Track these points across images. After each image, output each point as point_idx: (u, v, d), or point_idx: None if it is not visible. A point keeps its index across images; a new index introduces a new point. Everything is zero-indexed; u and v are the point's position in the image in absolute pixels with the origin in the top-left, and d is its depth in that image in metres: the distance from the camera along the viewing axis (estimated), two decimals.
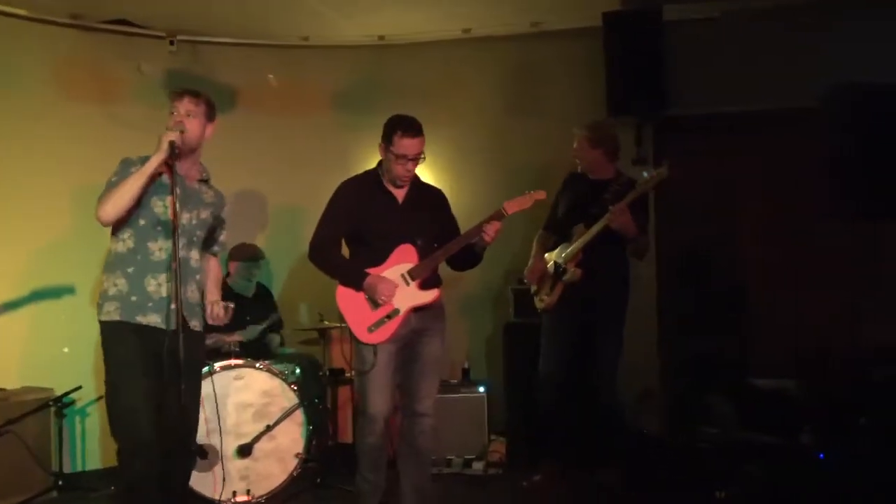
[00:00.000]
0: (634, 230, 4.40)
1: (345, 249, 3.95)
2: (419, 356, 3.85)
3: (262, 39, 5.85)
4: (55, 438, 4.79)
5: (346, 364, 4.72)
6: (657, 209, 5.15)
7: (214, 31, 5.71)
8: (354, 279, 3.76)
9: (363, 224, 3.81)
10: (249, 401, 4.50)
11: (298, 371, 4.91)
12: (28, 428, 4.62)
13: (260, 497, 4.46)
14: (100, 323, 3.40)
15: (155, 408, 3.32)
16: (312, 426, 4.64)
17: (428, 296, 3.81)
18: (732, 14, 5.28)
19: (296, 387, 4.61)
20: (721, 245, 5.56)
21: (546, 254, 4.71)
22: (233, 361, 4.55)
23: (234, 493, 4.39)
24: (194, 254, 3.54)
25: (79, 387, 4.84)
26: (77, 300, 5.21)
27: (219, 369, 4.44)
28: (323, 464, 4.85)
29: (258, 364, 4.57)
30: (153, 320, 3.35)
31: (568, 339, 4.59)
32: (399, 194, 3.86)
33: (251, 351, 4.92)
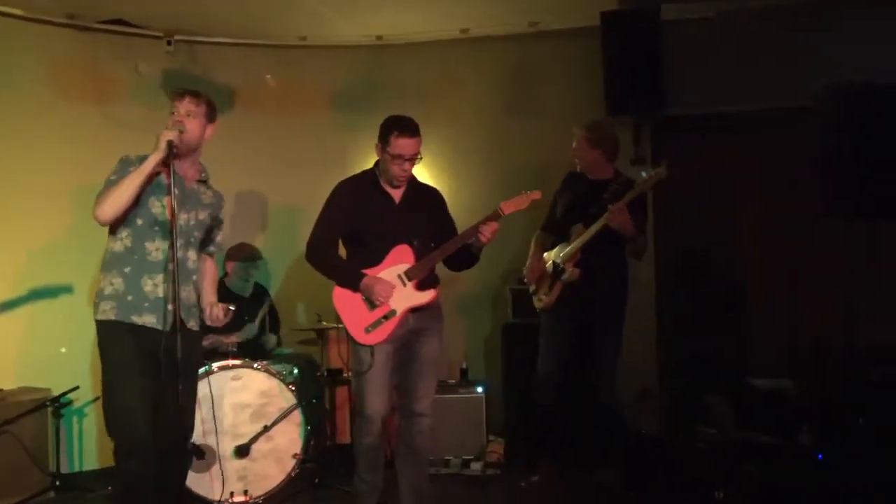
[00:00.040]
0: (633, 230, 4.40)
1: (342, 250, 3.95)
2: (417, 356, 3.85)
3: (260, 39, 5.84)
4: (52, 439, 4.78)
5: (344, 364, 4.74)
6: (655, 209, 5.15)
7: (212, 31, 5.70)
8: (351, 280, 3.76)
9: (360, 224, 3.80)
10: (247, 401, 4.50)
11: (296, 371, 4.90)
12: (25, 428, 4.61)
13: (257, 497, 4.45)
14: (96, 322, 3.40)
15: (151, 407, 3.32)
16: (310, 427, 4.63)
17: (425, 296, 3.81)
18: (729, 14, 5.28)
19: (294, 387, 4.60)
20: (719, 245, 5.56)
21: (545, 253, 4.71)
22: (230, 362, 4.54)
23: (232, 494, 4.38)
24: (191, 254, 3.53)
25: (76, 387, 4.83)
26: (74, 300, 5.20)
27: (217, 369, 4.43)
28: (321, 464, 4.84)
29: (256, 364, 4.57)
30: (149, 320, 3.35)
31: (566, 339, 4.59)
32: (396, 194, 3.85)
33: (248, 351, 4.91)
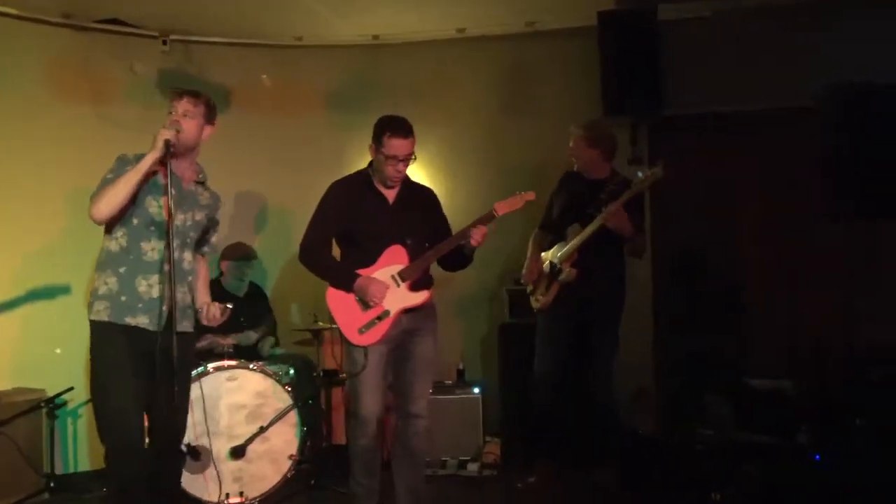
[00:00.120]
0: (630, 230, 4.39)
1: (336, 250, 3.93)
2: (411, 356, 3.84)
3: (256, 39, 5.82)
4: (47, 439, 4.76)
5: (337, 365, 4.72)
6: (652, 209, 5.14)
7: (207, 31, 5.68)
8: (345, 280, 3.74)
9: (354, 225, 3.79)
10: (243, 402, 4.47)
11: (292, 372, 4.89)
12: (19, 429, 4.59)
13: (253, 499, 4.42)
14: (90, 322, 3.37)
15: (145, 408, 3.30)
16: (306, 427, 4.61)
17: (419, 297, 3.79)
18: (726, 13, 5.28)
19: (289, 388, 4.58)
20: (717, 245, 5.56)
21: (542, 254, 4.69)
22: (226, 362, 4.52)
23: (228, 495, 4.35)
24: (187, 255, 3.51)
25: (71, 388, 4.81)
26: (69, 301, 5.17)
27: (212, 370, 4.42)
28: (317, 465, 4.82)
29: (252, 365, 4.55)
30: (142, 321, 3.33)
31: (563, 339, 4.58)
32: (390, 195, 3.84)
33: (244, 352, 4.89)
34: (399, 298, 3.75)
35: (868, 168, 4.07)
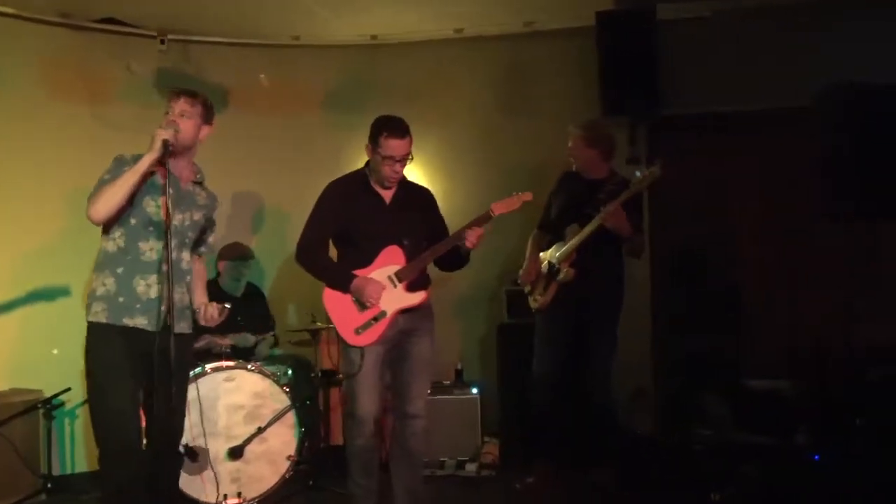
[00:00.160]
0: (629, 229, 4.38)
1: (333, 251, 3.92)
2: (409, 357, 3.83)
3: (253, 39, 5.81)
4: (44, 440, 4.74)
5: (334, 366, 4.71)
6: (651, 209, 5.14)
7: (205, 31, 5.67)
8: (341, 281, 3.73)
9: (350, 225, 3.78)
10: (241, 402, 4.46)
11: (290, 372, 4.88)
12: (16, 430, 4.57)
13: (251, 500, 4.41)
14: (87, 323, 3.36)
15: (143, 409, 3.28)
16: (304, 428, 4.61)
17: (415, 298, 3.79)
18: (725, 13, 5.28)
19: (287, 388, 4.57)
20: (715, 244, 5.55)
21: (540, 254, 4.68)
22: (224, 363, 4.51)
23: (225, 496, 4.34)
24: (185, 255, 3.50)
25: (68, 388, 4.79)
26: (67, 302, 5.16)
27: (210, 371, 4.41)
28: (315, 466, 4.82)
29: (250, 366, 4.54)
30: (140, 322, 3.31)
31: (562, 339, 4.57)
32: (386, 195, 3.83)
33: (241, 352, 4.88)
34: (396, 299, 3.74)
35: (868, 168, 4.06)
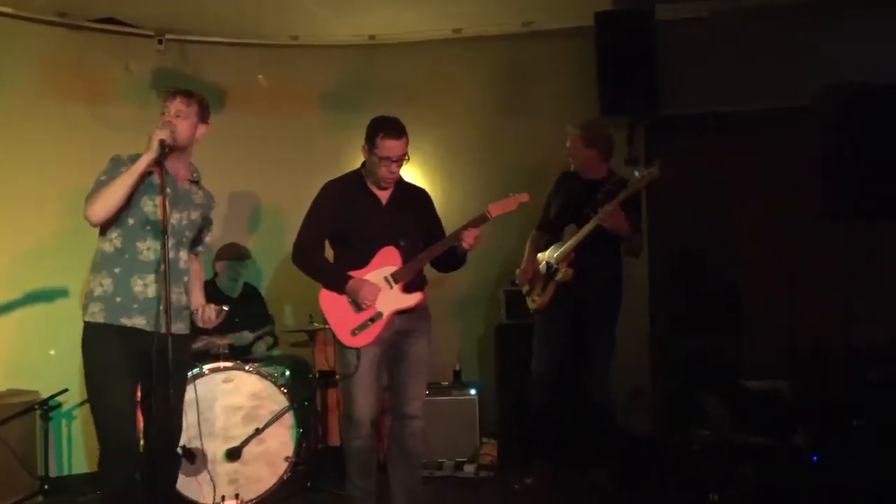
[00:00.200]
0: (627, 229, 4.38)
1: (330, 251, 3.91)
2: (406, 357, 3.82)
3: (252, 38, 5.80)
4: (41, 442, 4.72)
5: (329, 367, 4.70)
6: (649, 209, 5.13)
7: (203, 30, 5.66)
8: (337, 282, 3.73)
9: (347, 225, 3.77)
10: (238, 403, 4.45)
11: (288, 373, 4.87)
12: (13, 431, 4.56)
13: (249, 501, 4.40)
14: (84, 323, 3.34)
15: (141, 410, 3.27)
16: (302, 429, 4.60)
17: (411, 299, 3.78)
18: (723, 13, 5.28)
19: (285, 389, 4.56)
20: (714, 244, 5.55)
21: (538, 254, 4.68)
22: (222, 364, 4.50)
23: (223, 498, 4.33)
24: (183, 255, 3.49)
25: (65, 389, 4.78)
26: (64, 302, 5.15)
27: (207, 372, 4.40)
28: (313, 467, 4.80)
29: (247, 367, 4.53)
30: (138, 322, 3.30)
31: (560, 340, 4.56)
32: (383, 196, 3.82)
33: (239, 353, 4.87)
34: (392, 300, 3.74)
35: (866, 168, 4.05)
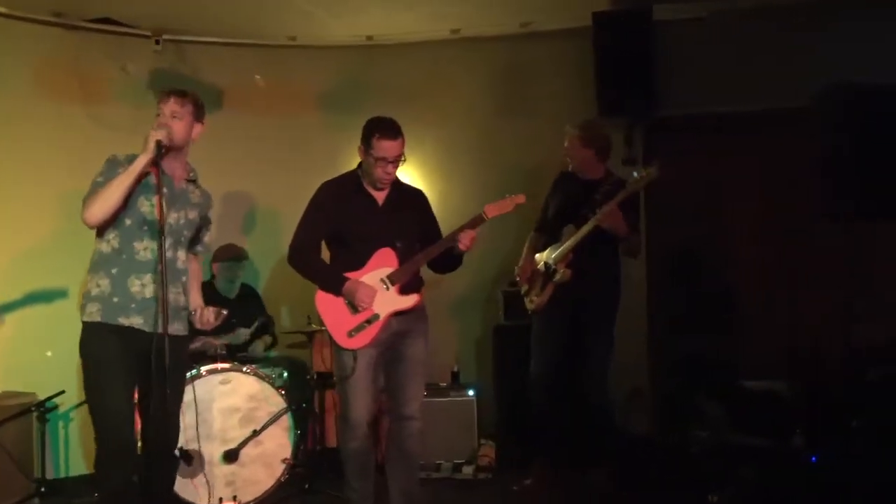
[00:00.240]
0: (625, 230, 4.37)
1: (326, 252, 3.90)
2: (403, 358, 3.81)
3: (249, 39, 5.79)
4: (37, 444, 4.70)
5: (326, 369, 4.69)
6: (647, 209, 5.12)
7: (200, 31, 5.65)
8: (333, 284, 3.71)
9: (343, 226, 3.75)
10: (236, 405, 4.44)
11: (286, 375, 4.85)
12: (9, 433, 4.54)
13: (247, 503, 4.38)
14: (82, 324, 3.33)
15: (139, 410, 3.26)
16: (300, 431, 4.58)
17: (408, 301, 3.76)
18: (721, 14, 5.28)
19: (283, 391, 4.55)
20: (712, 245, 5.55)
21: (536, 255, 4.67)
22: (219, 365, 4.48)
23: (221, 500, 4.31)
24: (181, 255, 3.48)
25: (62, 391, 4.77)
26: (61, 304, 5.12)
27: (205, 373, 4.38)
28: (311, 469, 4.79)
29: (245, 368, 4.51)
30: (136, 322, 3.29)
31: (558, 340, 4.56)
32: (379, 196, 3.81)
33: (236, 352, 4.85)
34: (388, 302, 3.72)
35: (864, 168, 4.05)
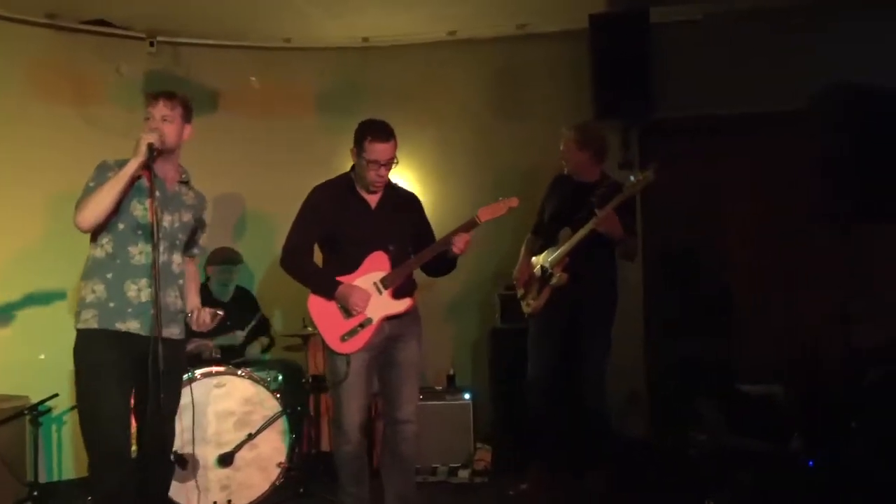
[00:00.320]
0: (622, 233, 4.36)
1: (319, 256, 3.88)
2: (397, 362, 3.79)
3: (244, 41, 5.78)
4: (30, 447, 4.68)
5: (319, 373, 4.67)
6: (643, 212, 5.12)
7: (195, 32, 5.63)
8: (326, 288, 3.69)
9: (336, 229, 3.73)
10: (231, 409, 4.42)
11: (281, 378, 4.83)
12: (2, 437, 4.51)
13: None
14: (77, 331, 3.30)
15: (135, 415, 3.24)
16: (295, 434, 4.56)
17: (401, 305, 3.75)
18: (717, 16, 5.29)
19: (278, 394, 4.53)
20: (708, 248, 5.55)
21: (532, 258, 4.65)
22: (214, 368, 4.46)
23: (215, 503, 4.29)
24: (176, 258, 3.45)
25: (55, 395, 4.73)
26: (54, 307, 5.11)
27: (199, 377, 4.35)
28: (306, 472, 4.77)
29: (240, 371, 4.50)
30: (133, 326, 3.27)
31: (555, 344, 4.54)
32: (372, 199, 3.79)
33: (231, 354, 4.83)
34: (381, 306, 3.70)
35: (861, 170, 4.06)
